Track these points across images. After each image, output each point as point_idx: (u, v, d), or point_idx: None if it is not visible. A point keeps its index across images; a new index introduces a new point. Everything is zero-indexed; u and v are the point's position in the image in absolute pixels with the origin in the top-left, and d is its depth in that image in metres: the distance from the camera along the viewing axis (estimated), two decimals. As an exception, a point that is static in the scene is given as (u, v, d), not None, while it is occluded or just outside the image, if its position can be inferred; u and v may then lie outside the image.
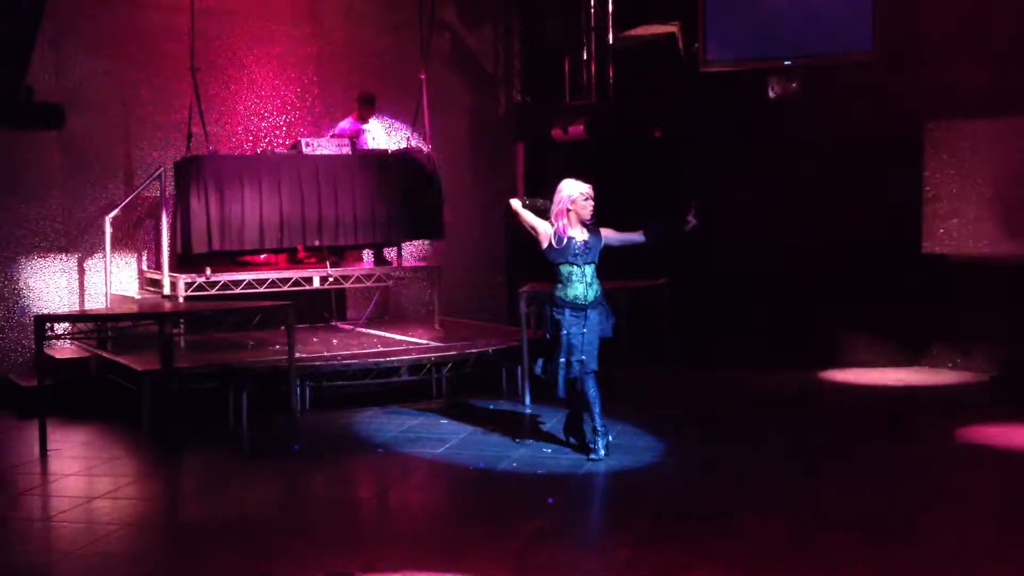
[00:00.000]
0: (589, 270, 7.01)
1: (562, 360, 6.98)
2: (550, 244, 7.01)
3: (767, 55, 10.72)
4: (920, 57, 10.08)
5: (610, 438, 7.19)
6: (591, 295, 7.01)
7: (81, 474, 7.09)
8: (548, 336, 7.12)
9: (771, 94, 10.67)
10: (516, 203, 7.20)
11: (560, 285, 7.03)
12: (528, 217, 7.11)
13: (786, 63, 10.67)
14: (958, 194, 10.26)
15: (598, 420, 7.04)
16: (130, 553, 5.46)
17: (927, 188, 10.40)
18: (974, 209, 10.17)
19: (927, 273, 10.27)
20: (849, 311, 10.53)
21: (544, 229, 7.05)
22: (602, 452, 7.01)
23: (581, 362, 6.97)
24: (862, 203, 10.59)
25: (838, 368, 10.21)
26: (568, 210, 6.98)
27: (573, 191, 6.99)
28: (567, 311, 6.98)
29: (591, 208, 6.98)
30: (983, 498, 6.22)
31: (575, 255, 6.97)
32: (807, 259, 10.71)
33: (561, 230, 6.99)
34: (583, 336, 6.97)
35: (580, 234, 7.00)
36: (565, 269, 6.99)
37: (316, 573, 5.00)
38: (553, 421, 8.11)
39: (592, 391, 7.03)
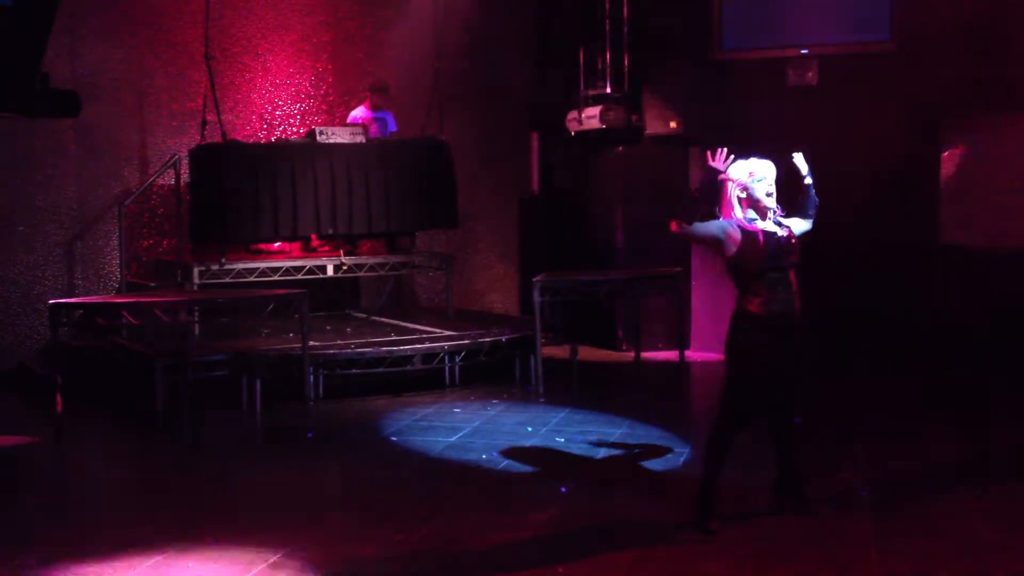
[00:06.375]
0: (791, 276, 5.33)
1: (753, 399, 5.36)
2: (740, 248, 5.24)
3: (783, 43, 10.67)
4: (938, 48, 10.01)
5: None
6: (793, 309, 5.30)
7: (91, 460, 7.10)
8: (737, 368, 5.37)
9: (790, 82, 10.63)
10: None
11: (756, 299, 5.25)
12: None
13: (803, 52, 10.61)
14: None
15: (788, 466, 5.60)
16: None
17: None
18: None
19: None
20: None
21: (722, 232, 5.28)
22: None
23: (782, 403, 5.47)
24: (876, 195, 10.54)
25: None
26: (740, 199, 5.33)
27: (741, 172, 5.33)
28: (766, 335, 5.26)
29: (767, 191, 5.31)
30: None
31: (774, 256, 5.24)
32: (820, 252, 10.64)
33: (745, 225, 5.28)
34: (781, 364, 5.32)
35: (777, 227, 5.34)
36: (769, 276, 5.24)
37: (326, 560, 5.02)
38: (566, 411, 8.11)
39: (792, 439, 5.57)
